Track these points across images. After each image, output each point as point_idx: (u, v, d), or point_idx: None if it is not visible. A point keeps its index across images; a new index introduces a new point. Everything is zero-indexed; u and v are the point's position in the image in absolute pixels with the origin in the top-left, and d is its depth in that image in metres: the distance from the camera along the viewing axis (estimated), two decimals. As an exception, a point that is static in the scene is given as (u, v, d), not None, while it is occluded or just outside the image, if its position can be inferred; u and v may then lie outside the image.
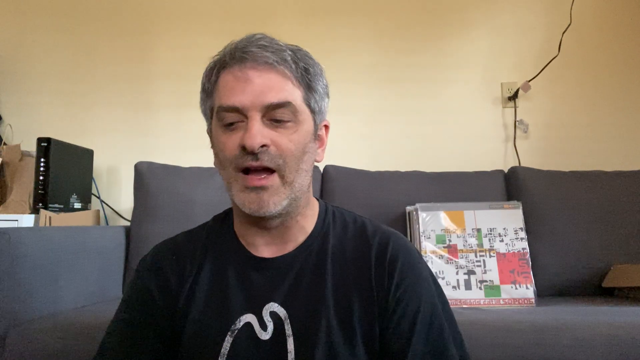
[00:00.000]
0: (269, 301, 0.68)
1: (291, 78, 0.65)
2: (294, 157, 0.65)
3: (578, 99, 2.05)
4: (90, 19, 2.14)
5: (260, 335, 0.66)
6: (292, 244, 0.72)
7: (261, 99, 0.63)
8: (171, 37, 2.11)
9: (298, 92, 0.66)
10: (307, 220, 0.73)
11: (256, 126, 0.63)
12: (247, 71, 0.64)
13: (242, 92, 0.64)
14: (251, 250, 0.72)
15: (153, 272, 0.73)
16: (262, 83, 0.64)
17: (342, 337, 0.65)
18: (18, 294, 1.16)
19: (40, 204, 1.65)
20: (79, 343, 1.06)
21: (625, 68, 2.05)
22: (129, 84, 2.09)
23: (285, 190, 0.65)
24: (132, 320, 0.70)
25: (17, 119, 2.07)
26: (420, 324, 0.66)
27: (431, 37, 2.10)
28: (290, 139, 0.65)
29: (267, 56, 0.64)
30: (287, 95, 0.64)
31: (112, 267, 1.57)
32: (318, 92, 0.69)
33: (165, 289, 0.71)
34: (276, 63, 0.64)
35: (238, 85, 0.64)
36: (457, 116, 2.05)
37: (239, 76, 0.64)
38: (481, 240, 1.43)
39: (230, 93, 0.65)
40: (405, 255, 0.70)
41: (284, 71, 0.65)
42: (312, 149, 0.69)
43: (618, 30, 2.07)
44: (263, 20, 2.11)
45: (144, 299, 0.71)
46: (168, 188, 1.68)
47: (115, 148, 2.06)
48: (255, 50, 0.64)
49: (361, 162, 1.90)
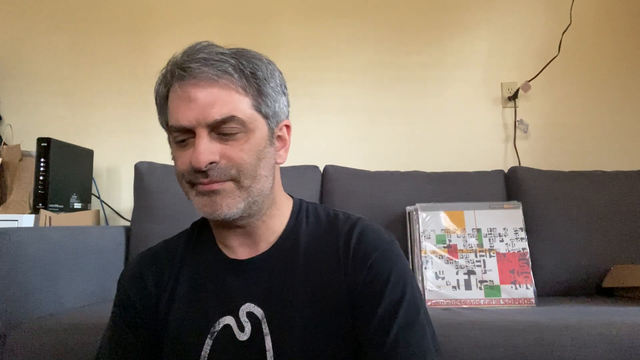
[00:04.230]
0: (245, 302, 0.68)
1: (236, 89, 0.64)
2: (249, 165, 0.64)
3: (578, 99, 2.05)
4: (90, 19, 2.14)
5: (238, 337, 0.67)
6: (264, 244, 0.72)
7: (204, 116, 0.62)
8: (171, 37, 2.11)
9: (245, 100, 0.64)
10: (274, 220, 0.72)
11: (202, 144, 0.62)
12: (188, 89, 0.63)
13: (186, 109, 0.63)
14: (228, 252, 0.73)
15: (133, 280, 0.75)
16: (205, 99, 0.62)
17: (319, 331, 0.65)
18: (18, 294, 1.16)
19: (40, 204, 1.65)
20: (79, 343, 1.06)
21: (625, 68, 2.05)
22: (129, 84, 2.09)
23: (241, 193, 0.65)
24: (117, 335, 0.73)
25: (17, 119, 2.07)
26: (393, 303, 0.64)
27: (431, 37, 2.10)
28: (242, 149, 0.64)
29: (205, 71, 0.62)
30: (231, 109, 0.63)
31: (112, 267, 1.57)
32: (269, 95, 0.67)
33: (145, 295, 0.73)
34: (216, 77, 0.62)
35: (182, 104, 0.63)
36: (457, 116, 2.05)
37: (181, 95, 0.64)
38: (481, 240, 1.43)
39: (176, 112, 0.64)
40: (371, 236, 0.69)
41: (226, 84, 0.63)
42: (270, 154, 0.68)
43: (618, 30, 2.07)
44: (263, 20, 2.11)
45: (125, 307, 0.73)
46: (168, 188, 1.68)
47: (115, 148, 2.06)
48: (194, 66, 0.63)
49: (361, 162, 1.89)
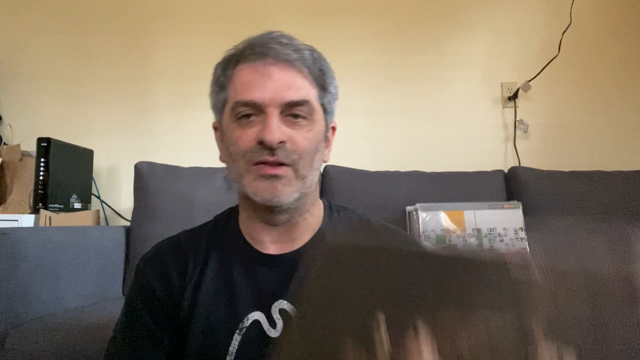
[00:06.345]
0: (278, 298, 0.67)
1: (309, 77, 0.66)
2: (308, 154, 0.66)
3: (578, 99, 2.05)
4: (90, 20, 2.14)
5: (269, 333, 0.66)
6: (299, 241, 0.71)
7: (281, 96, 0.63)
8: (171, 37, 2.11)
9: (314, 91, 0.67)
10: (314, 218, 0.73)
11: (275, 122, 0.63)
12: (268, 66, 0.64)
13: (261, 87, 0.64)
14: (257, 247, 0.71)
15: (155, 268, 0.71)
16: (282, 80, 0.64)
17: None
18: (18, 294, 1.16)
19: (40, 204, 1.65)
20: (79, 343, 1.06)
21: (625, 68, 2.05)
22: (129, 84, 2.09)
23: (298, 183, 0.66)
24: (135, 323, 0.69)
25: (17, 119, 2.07)
26: None
27: (431, 37, 2.10)
28: (306, 137, 0.65)
29: (288, 53, 0.64)
30: (306, 94, 0.65)
31: (112, 267, 1.57)
32: (331, 93, 0.70)
33: (168, 285, 0.70)
34: (296, 61, 0.65)
35: (258, 80, 0.64)
36: (457, 116, 2.05)
37: (260, 71, 0.64)
38: (481, 240, 1.43)
39: (249, 87, 0.64)
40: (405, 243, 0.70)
41: (303, 69, 0.65)
42: (322, 149, 0.70)
43: (618, 30, 2.07)
44: (263, 21, 2.11)
45: (146, 295, 0.70)
46: (168, 188, 1.68)
47: (115, 148, 2.06)
48: (277, 46, 0.64)
49: (361, 162, 1.89)
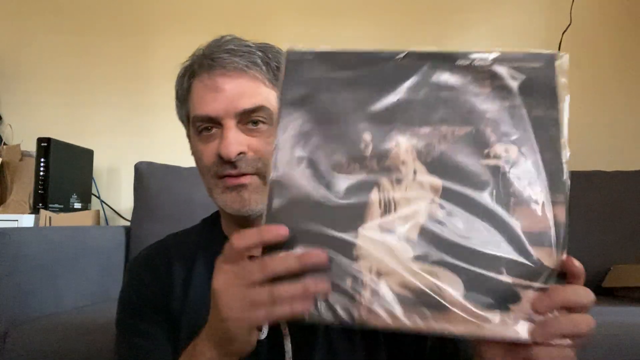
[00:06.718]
0: None
1: (263, 80, 0.64)
2: None
3: (578, 99, 2.03)
4: (90, 19, 2.14)
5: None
6: None
7: (234, 106, 0.62)
8: (171, 37, 2.10)
9: (272, 93, 0.64)
10: None
11: (231, 134, 0.62)
12: (216, 79, 0.63)
13: (213, 100, 0.62)
14: None
15: (145, 269, 0.72)
16: (234, 89, 0.62)
17: (341, 335, 0.64)
18: (18, 294, 1.16)
19: (40, 204, 1.65)
20: (79, 343, 1.06)
21: (625, 68, 2.05)
22: (129, 84, 2.09)
23: (265, 188, 0.65)
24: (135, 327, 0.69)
25: (17, 119, 2.07)
26: None
27: (431, 38, 2.10)
28: (267, 142, 0.63)
29: (235, 61, 0.62)
30: (262, 99, 0.63)
31: (112, 267, 1.57)
32: None
33: (160, 286, 0.71)
34: (246, 67, 0.63)
35: (209, 94, 0.63)
36: (457, 116, 2.05)
37: (209, 84, 0.63)
38: (481, 240, 1.43)
39: (202, 102, 0.64)
40: None
41: (255, 75, 0.63)
42: None
43: (618, 30, 2.07)
44: (263, 21, 2.10)
45: (140, 293, 0.71)
46: (168, 188, 1.68)
47: (115, 148, 2.06)
48: (224, 55, 0.63)
49: (361, 162, 1.89)
